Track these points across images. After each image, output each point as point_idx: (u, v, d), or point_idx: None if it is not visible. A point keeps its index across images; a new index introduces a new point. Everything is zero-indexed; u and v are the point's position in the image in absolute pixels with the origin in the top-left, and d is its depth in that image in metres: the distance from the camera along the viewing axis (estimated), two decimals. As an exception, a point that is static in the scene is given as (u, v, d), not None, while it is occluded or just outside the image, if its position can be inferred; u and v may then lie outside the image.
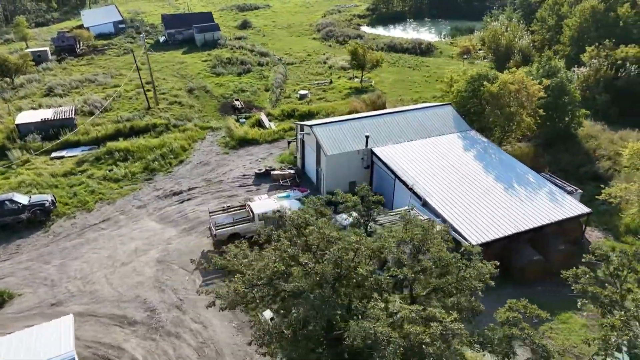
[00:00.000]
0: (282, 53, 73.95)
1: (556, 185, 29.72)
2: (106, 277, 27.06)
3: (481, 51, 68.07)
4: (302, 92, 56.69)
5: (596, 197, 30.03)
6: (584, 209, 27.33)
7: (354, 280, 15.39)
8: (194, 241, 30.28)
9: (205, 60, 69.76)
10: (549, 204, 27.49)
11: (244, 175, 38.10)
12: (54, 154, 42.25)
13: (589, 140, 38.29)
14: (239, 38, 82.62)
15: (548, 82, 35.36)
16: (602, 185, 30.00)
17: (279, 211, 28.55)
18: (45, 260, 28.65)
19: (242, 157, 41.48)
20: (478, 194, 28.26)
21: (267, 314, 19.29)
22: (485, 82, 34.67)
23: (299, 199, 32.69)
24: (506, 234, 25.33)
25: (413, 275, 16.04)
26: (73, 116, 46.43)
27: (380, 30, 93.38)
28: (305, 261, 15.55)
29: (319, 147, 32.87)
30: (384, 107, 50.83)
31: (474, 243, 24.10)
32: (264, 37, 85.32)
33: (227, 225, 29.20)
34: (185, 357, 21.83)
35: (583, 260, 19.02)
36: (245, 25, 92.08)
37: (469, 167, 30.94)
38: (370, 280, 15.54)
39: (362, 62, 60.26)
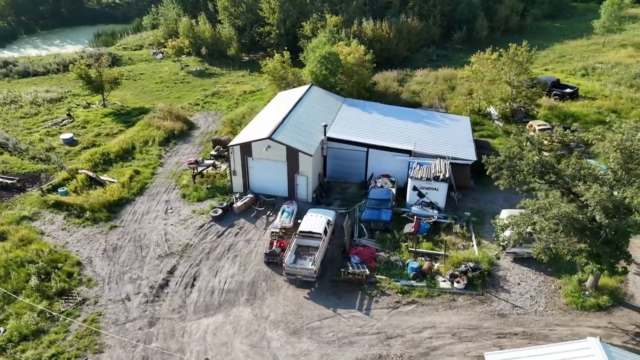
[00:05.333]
0: None
1: (437, 111, 41.40)
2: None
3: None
4: (65, 136, 45.16)
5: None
6: (467, 117, 40.45)
7: None
8: (287, 297, 25.68)
9: None
10: (459, 122, 38.85)
11: (200, 227, 31.60)
12: None
13: (378, 85, 51.41)
14: None
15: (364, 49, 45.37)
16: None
17: (328, 221, 29.21)
18: None
19: (143, 221, 32.99)
20: (427, 135, 36.29)
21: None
22: (342, 58, 41.19)
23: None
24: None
25: None
26: None
27: (7, 53, 76.47)
28: None
29: (294, 153, 31.98)
30: (184, 118, 48.17)
31: (472, 159, 33.30)
32: None
33: (318, 258, 26.49)
34: None
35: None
36: None
37: (391, 121, 38.05)
38: None
39: (99, 83, 52.06)
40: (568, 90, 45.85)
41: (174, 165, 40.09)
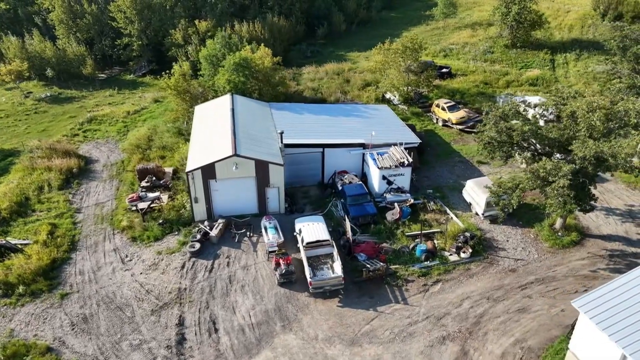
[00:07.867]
0: None
1: (356, 103, 43.01)
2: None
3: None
4: None
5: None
6: (385, 105, 43.02)
7: None
8: (322, 311, 24.51)
9: None
10: (383, 111, 40.90)
11: (182, 267, 27.74)
12: None
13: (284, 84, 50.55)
14: None
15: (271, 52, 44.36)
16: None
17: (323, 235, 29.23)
18: None
19: (100, 279, 27.85)
20: (368, 126, 36.94)
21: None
22: (257, 64, 39.71)
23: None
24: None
25: None
26: None
27: None
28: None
29: (264, 166, 30.10)
30: (76, 154, 41.12)
31: (418, 141, 36.14)
32: None
33: (339, 264, 25.87)
34: None
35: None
36: None
37: (328, 119, 38.28)
38: None
39: None
40: (445, 70, 52.08)
41: (96, 207, 34.14)
